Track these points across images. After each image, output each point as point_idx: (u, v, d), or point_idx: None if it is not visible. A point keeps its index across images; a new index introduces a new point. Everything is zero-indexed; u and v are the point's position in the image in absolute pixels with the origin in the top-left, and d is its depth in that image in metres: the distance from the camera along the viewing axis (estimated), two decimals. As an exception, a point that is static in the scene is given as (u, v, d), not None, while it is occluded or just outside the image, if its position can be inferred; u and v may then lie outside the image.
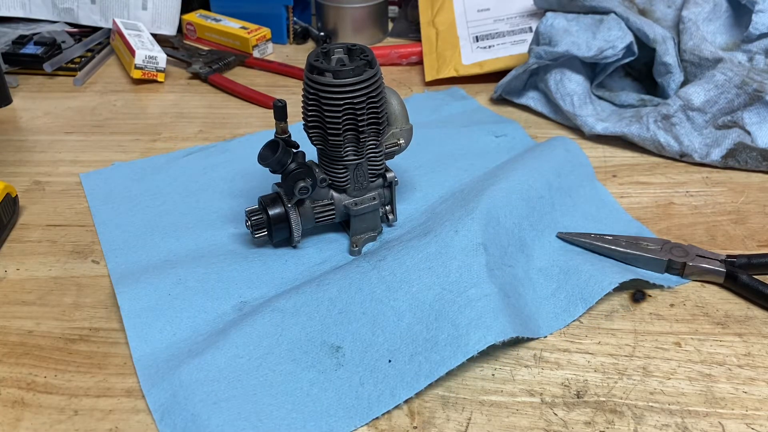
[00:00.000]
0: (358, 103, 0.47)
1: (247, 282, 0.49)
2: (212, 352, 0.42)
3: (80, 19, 0.96)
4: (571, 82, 0.70)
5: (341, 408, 0.39)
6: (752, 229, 0.55)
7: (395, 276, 0.46)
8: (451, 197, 0.56)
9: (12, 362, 0.43)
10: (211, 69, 0.85)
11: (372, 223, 0.53)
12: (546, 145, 0.62)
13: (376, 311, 0.45)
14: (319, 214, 0.51)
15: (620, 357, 0.43)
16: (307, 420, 0.39)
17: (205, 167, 0.64)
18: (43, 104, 0.78)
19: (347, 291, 0.46)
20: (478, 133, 0.69)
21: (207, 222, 0.56)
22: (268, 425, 0.38)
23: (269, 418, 0.39)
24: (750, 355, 0.43)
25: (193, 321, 0.46)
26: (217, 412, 0.38)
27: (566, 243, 0.52)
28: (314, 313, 0.45)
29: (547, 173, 0.57)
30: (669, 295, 0.48)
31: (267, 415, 0.39)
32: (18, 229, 0.56)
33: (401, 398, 0.39)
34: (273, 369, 0.41)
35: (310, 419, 0.39)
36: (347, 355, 0.42)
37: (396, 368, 0.41)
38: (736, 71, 0.64)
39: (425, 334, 0.43)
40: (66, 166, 0.66)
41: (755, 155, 0.62)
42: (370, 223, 0.53)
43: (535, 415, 0.39)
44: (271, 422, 0.38)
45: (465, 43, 0.83)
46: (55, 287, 0.50)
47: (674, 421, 0.39)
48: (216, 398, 0.39)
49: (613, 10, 0.70)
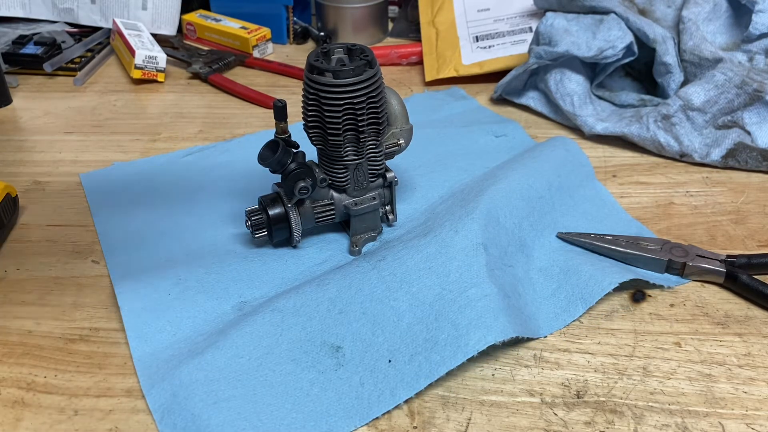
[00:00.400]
0: (358, 103, 0.47)
1: (247, 282, 0.49)
2: (212, 352, 0.42)
3: (80, 19, 0.96)
4: (571, 82, 0.70)
5: (341, 408, 0.39)
6: (752, 229, 0.55)
7: (395, 276, 0.46)
8: (451, 197, 0.56)
9: (12, 362, 0.43)
10: (211, 69, 0.85)
11: (372, 223, 0.53)
12: (546, 145, 0.62)
13: (376, 311, 0.45)
14: (319, 214, 0.51)
15: (620, 357, 0.43)
16: (307, 420, 0.39)
17: (204, 167, 0.64)
18: (43, 104, 0.78)
19: (347, 291, 0.46)
20: (478, 133, 0.69)
21: (207, 222, 0.56)
22: (268, 425, 0.38)
23: (269, 418, 0.39)
24: (750, 355, 0.43)
25: (193, 321, 0.46)
26: (217, 412, 0.38)
27: (566, 243, 0.52)
28: (314, 313, 0.45)
29: (547, 173, 0.57)
30: (669, 295, 0.48)
31: (267, 415, 0.39)
32: (18, 229, 0.56)
33: (401, 398, 0.39)
34: (273, 369, 0.41)
35: (310, 419, 0.39)
36: (347, 355, 0.42)
37: (396, 368, 0.41)
38: (736, 71, 0.64)
39: (425, 334, 0.43)
40: (66, 166, 0.66)
41: (755, 155, 0.62)
42: (370, 223, 0.53)
43: (535, 415, 0.39)
44: (271, 422, 0.38)
45: (465, 43, 0.83)
46: (55, 287, 0.50)
47: (674, 421, 0.39)
48: (216, 398, 0.39)
49: (613, 10, 0.70)
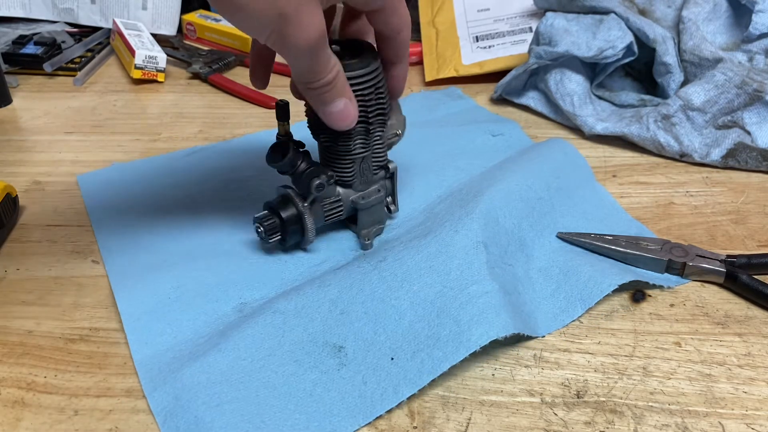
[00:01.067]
0: (368, 94, 0.47)
1: (247, 283, 0.49)
2: (214, 355, 0.42)
3: (80, 19, 0.96)
4: (571, 82, 0.70)
5: (345, 407, 0.39)
6: (752, 229, 0.55)
7: (396, 276, 0.46)
8: (450, 197, 0.56)
9: (12, 362, 0.43)
10: (211, 69, 0.85)
11: (378, 215, 0.53)
12: (542, 147, 0.62)
13: (377, 310, 0.45)
14: (328, 211, 0.51)
15: (620, 357, 0.43)
16: (311, 420, 0.38)
17: (203, 168, 0.64)
18: (43, 104, 0.78)
19: (348, 291, 0.46)
20: (475, 132, 0.69)
21: (206, 224, 0.56)
22: (271, 427, 0.38)
23: (273, 419, 0.38)
24: (750, 355, 0.43)
25: (193, 323, 0.46)
26: (221, 414, 0.38)
27: (566, 243, 0.52)
28: (315, 314, 0.45)
29: (546, 175, 0.57)
30: (669, 295, 0.48)
31: (270, 416, 0.39)
32: (18, 229, 0.56)
33: (404, 395, 0.39)
34: (275, 370, 0.41)
35: (313, 420, 0.39)
36: (349, 354, 0.42)
37: (399, 365, 0.41)
38: (736, 71, 0.64)
39: (427, 332, 0.43)
40: (66, 166, 0.66)
41: (755, 155, 0.62)
42: (376, 216, 0.53)
43: (535, 415, 0.39)
44: (274, 424, 0.38)
45: (465, 43, 0.83)
46: (55, 287, 0.50)
47: (674, 421, 0.39)
48: (219, 400, 0.39)
49: (613, 10, 0.70)
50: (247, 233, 0.54)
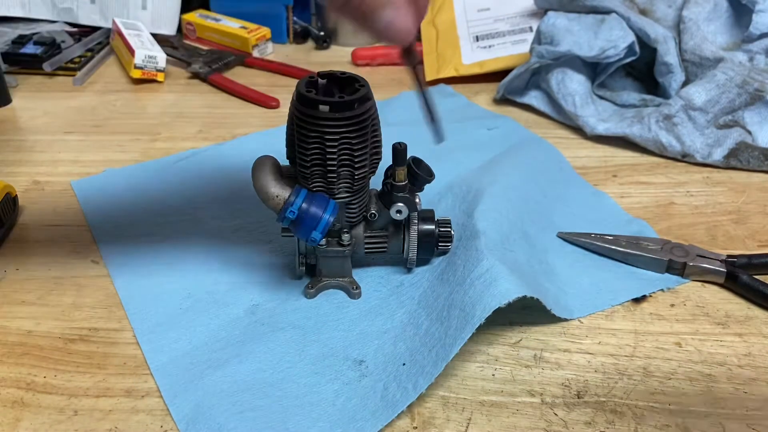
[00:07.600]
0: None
1: (258, 286, 0.49)
2: (235, 365, 0.42)
3: (80, 18, 0.96)
4: (572, 81, 0.70)
5: (367, 411, 0.39)
6: (753, 228, 0.55)
7: (413, 299, 0.47)
8: (449, 193, 0.57)
9: (12, 362, 0.43)
10: (210, 69, 0.85)
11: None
12: (526, 153, 0.63)
13: (397, 330, 0.45)
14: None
15: (621, 357, 0.43)
16: (335, 427, 0.38)
17: (201, 170, 0.64)
18: (42, 104, 0.78)
19: (367, 316, 0.47)
20: (471, 127, 0.70)
21: (206, 226, 0.56)
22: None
23: (296, 427, 0.38)
24: (750, 355, 0.43)
25: (207, 327, 0.46)
26: (243, 421, 0.38)
27: (566, 243, 0.53)
28: (334, 332, 0.45)
29: (539, 180, 0.58)
30: (669, 295, 0.48)
31: (294, 424, 0.39)
32: (18, 229, 0.56)
33: (422, 387, 0.39)
34: (297, 381, 0.42)
35: (337, 426, 0.39)
36: (370, 366, 0.43)
37: (417, 363, 0.41)
38: (737, 71, 0.64)
39: (440, 330, 0.43)
40: (66, 166, 0.66)
41: (757, 155, 0.62)
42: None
43: (535, 416, 0.39)
44: (297, 431, 0.38)
45: (465, 43, 0.83)
46: (55, 287, 0.50)
47: (675, 422, 0.39)
48: (242, 408, 0.39)
49: (614, 9, 0.70)
50: (248, 236, 0.54)
